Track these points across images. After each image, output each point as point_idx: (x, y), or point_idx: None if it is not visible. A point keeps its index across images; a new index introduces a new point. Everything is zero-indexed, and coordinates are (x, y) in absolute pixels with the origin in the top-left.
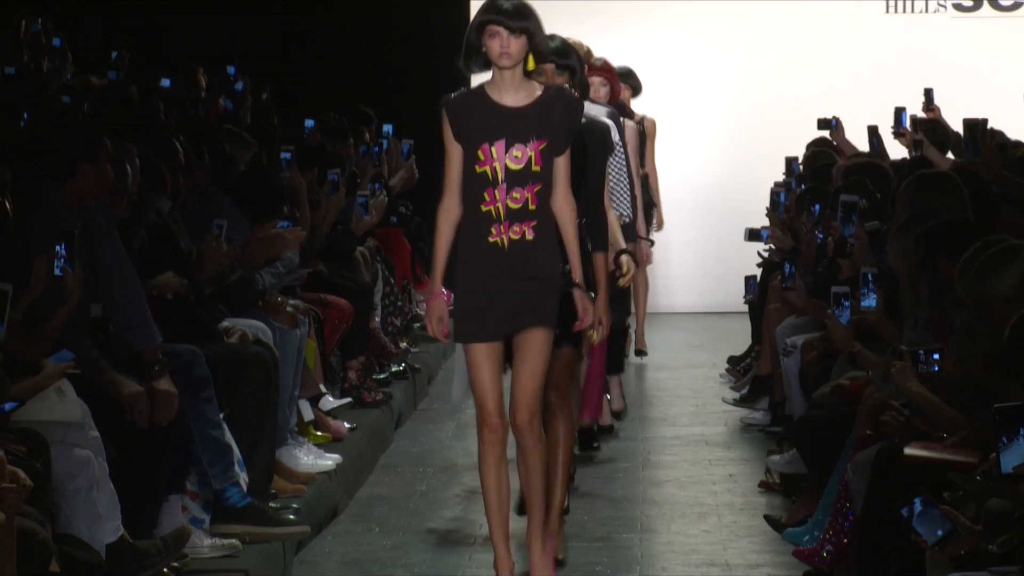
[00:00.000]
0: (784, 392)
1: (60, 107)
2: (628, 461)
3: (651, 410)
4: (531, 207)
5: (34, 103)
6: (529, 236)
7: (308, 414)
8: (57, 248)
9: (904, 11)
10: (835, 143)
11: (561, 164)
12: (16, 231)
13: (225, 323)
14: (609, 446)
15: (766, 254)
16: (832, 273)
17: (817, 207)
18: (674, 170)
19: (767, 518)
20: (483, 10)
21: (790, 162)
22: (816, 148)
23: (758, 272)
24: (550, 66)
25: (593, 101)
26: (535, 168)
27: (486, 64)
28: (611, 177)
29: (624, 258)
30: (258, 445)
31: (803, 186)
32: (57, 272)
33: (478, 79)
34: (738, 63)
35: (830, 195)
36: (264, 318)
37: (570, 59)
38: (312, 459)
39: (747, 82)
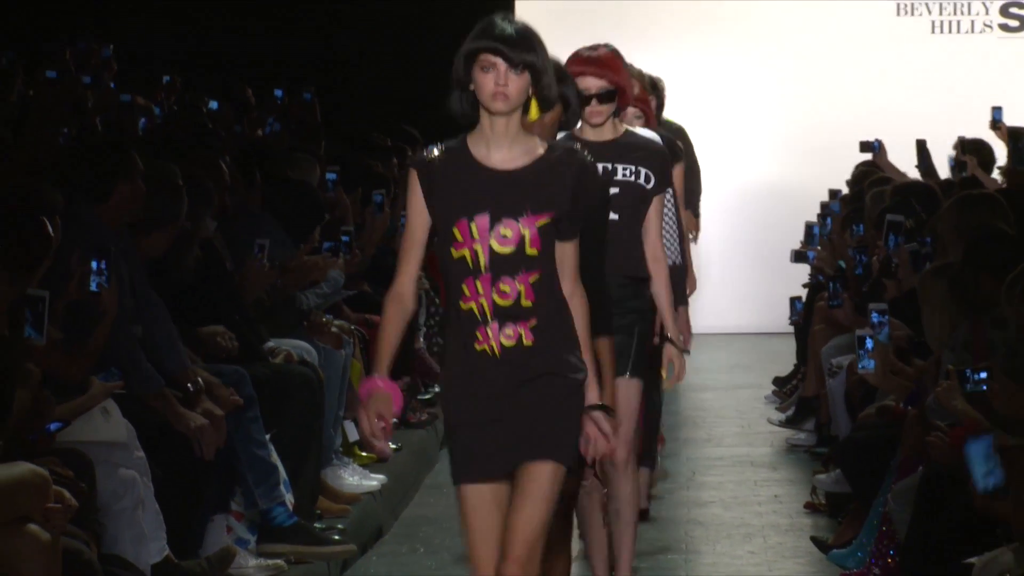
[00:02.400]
0: (830, 413)
1: (95, 122)
2: (673, 481)
3: (696, 431)
4: (525, 303)
5: (76, 112)
6: (528, 340)
7: (353, 434)
8: (94, 264)
9: (950, 31)
10: (878, 165)
11: (569, 251)
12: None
13: (270, 343)
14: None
15: (811, 277)
16: (877, 293)
17: (860, 227)
18: (718, 190)
19: (813, 539)
20: (476, 34)
21: (833, 192)
22: (862, 168)
23: (803, 293)
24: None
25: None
26: (530, 251)
27: (473, 106)
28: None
29: (670, 352)
30: (303, 465)
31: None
32: (93, 288)
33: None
34: (784, 82)
35: (875, 215)
36: (309, 338)
37: (565, 85)
38: (357, 479)
39: (792, 101)
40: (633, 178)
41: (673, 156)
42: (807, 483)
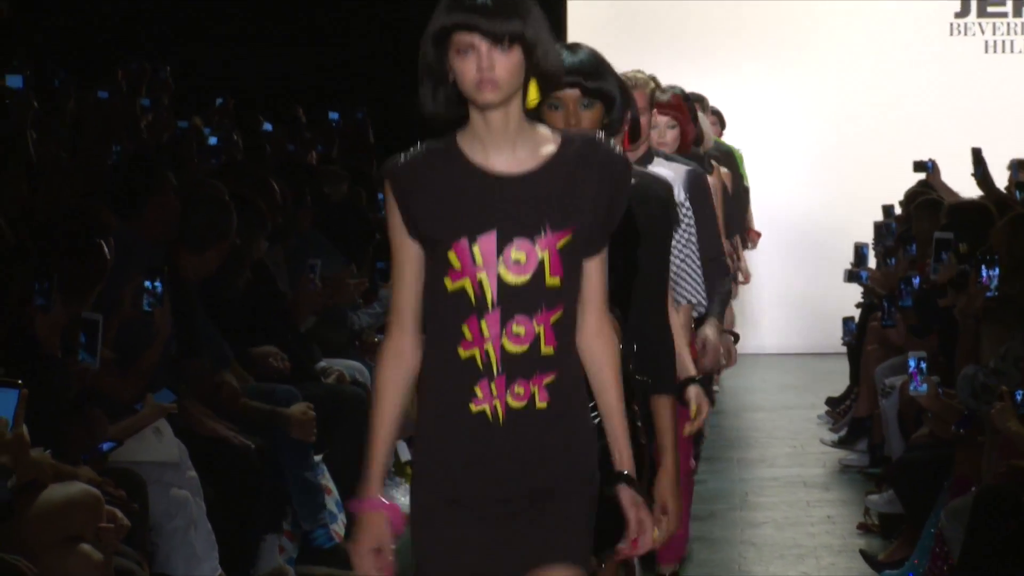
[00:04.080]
0: (882, 433)
1: (151, 143)
2: (725, 502)
3: (749, 451)
4: (545, 349)
5: (127, 132)
6: (541, 401)
7: (405, 454)
8: (147, 284)
9: (1003, 51)
10: (932, 185)
11: (595, 270)
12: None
13: (322, 363)
14: (706, 487)
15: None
16: (929, 312)
17: (913, 247)
18: (770, 210)
19: (863, 553)
20: (444, 6)
21: (887, 209)
22: (916, 188)
23: (856, 313)
24: (570, 93)
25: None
26: (551, 281)
27: (456, 101)
28: (673, 251)
29: (693, 392)
30: (355, 486)
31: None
32: (146, 308)
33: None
34: (837, 101)
35: (927, 235)
36: (361, 358)
37: (604, 80)
38: (409, 500)
39: (846, 120)
40: None
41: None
42: (860, 504)
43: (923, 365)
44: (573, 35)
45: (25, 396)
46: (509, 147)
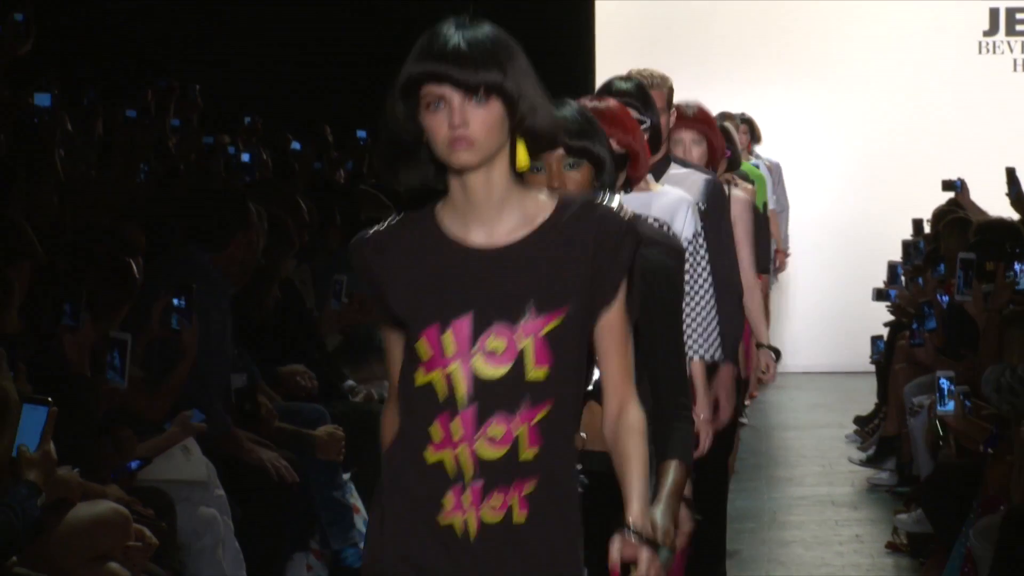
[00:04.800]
0: (911, 452)
1: (178, 162)
2: (754, 520)
3: (777, 470)
4: (525, 453)
5: (156, 151)
6: (520, 514)
7: None
8: (175, 302)
9: None
10: (960, 204)
11: (614, 326)
12: (147, 291)
13: (349, 382)
14: (735, 506)
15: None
16: (956, 332)
17: (942, 267)
18: (799, 227)
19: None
20: (415, 54)
21: (917, 223)
22: (944, 207)
23: (885, 332)
24: (553, 154)
25: (682, 163)
26: (533, 374)
27: (435, 167)
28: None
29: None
30: None
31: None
32: (174, 326)
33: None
34: (865, 119)
35: (954, 254)
36: None
37: (591, 140)
38: None
39: (874, 138)
40: None
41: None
42: (888, 523)
43: (951, 386)
44: (601, 37)
45: (55, 414)
46: (493, 216)
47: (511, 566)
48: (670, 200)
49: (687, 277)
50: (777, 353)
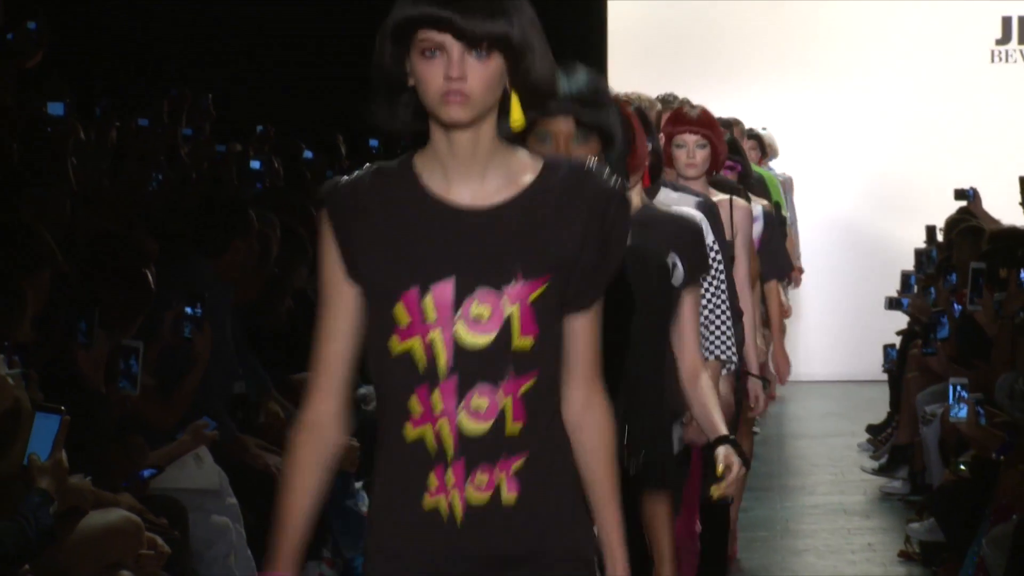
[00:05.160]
0: (923, 461)
1: (190, 170)
2: (766, 530)
3: (789, 479)
4: (511, 427)
5: (169, 159)
6: (509, 494)
7: None
8: (187, 310)
9: None
10: (973, 213)
11: (583, 329)
12: (158, 299)
13: (362, 390)
14: (747, 515)
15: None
16: (968, 341)
17: (954, 276)
18: (811, 236)
19: None
20: None
21: (930, 230)
22: (956, 215)
23: (897, 341)
24: (562, 124)
25: (683, 179)
26: (519, 342)
27: (415, 113)
28: (702, 299)
29: (722, 452)
30: None
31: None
32: (186, 334)
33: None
34: (877, 128)
35: (966, 263)
36: None
37: (604, 111)
38: None
39: (886, 147)
40: None
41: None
42: (901, 532)
43: (963, 392)
44: (614, 36)
45: (67, 423)
46: (477, 175)
47: (503, 550)
48: (676, 216)
49: (705, 283)
50: (766, 382)
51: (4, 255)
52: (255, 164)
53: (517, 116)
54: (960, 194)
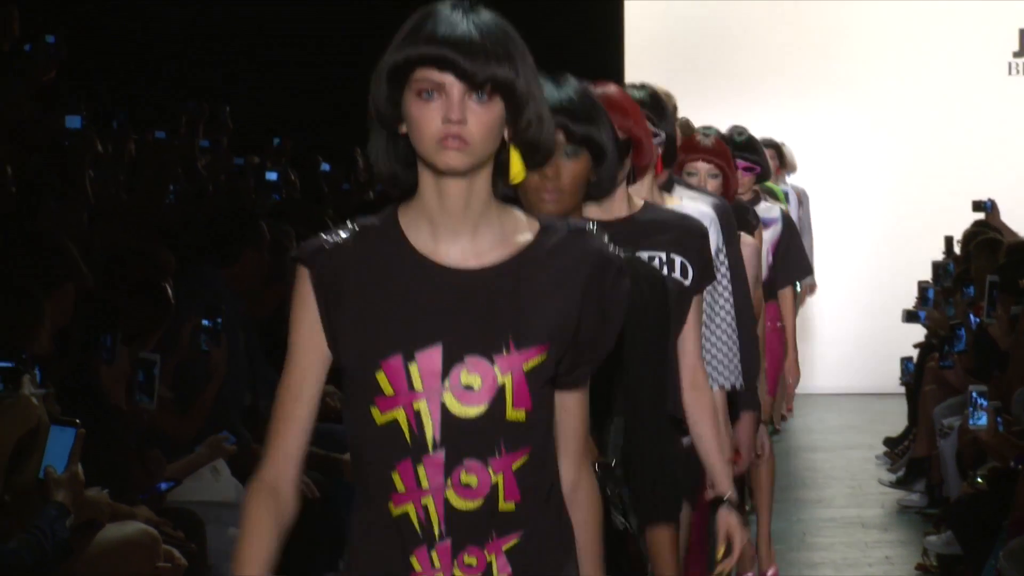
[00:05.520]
0: (941, 474)
1: (207, 183)
2: (783, 543)
3: (806, 491)
4: (504, 504)
5: (185, 173)
6: (501, 574)
7: None
8: (204, 323)
9: None
10: (991, 224)
11: (574, 406)
12: (176, 315)
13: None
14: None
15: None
16: (986, 353)
17: (971, 288)
18: (828, 249)
19: None
20: (410, 32)
21: (949, 240)
22: (973, 228)
23: (914, 353)
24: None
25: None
26: (513, 414)
27: (406, 160)
28: (704, 318)
29: (723, 519)
30: None
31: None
32: (203, 347)
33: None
34: (894, 140)
35: (984, 276)
36: None
37: (596, 126)
38: None
39: (903, 159)
40: (664, 270)
41: (742, 225)
42: (918, 544)
43: (982, 400)
44: (631, 39)
45: (82, 436)
46: (468, 232)
47: None
48: (683, 217)
49: (707, 299)
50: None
51: (23, 268)
52: (271, 175)
53: (518, 170)
54: (978, 206)
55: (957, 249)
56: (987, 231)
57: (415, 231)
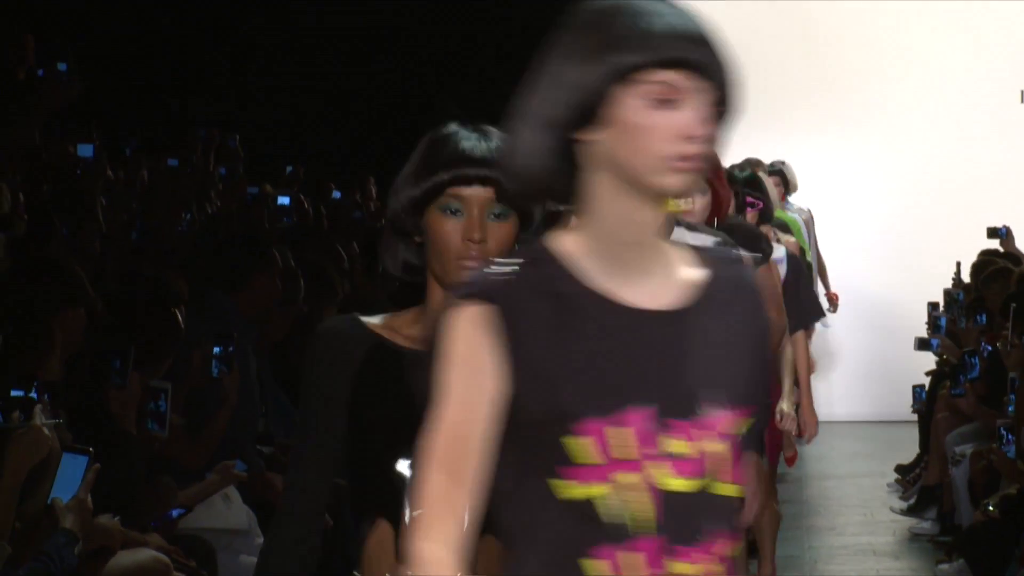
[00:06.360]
0: (953, 502)
1: (221, 211)
2: (795, 570)
3: (818, 519)
4: None
5: (198, 201)
6: None
7: None
8: (216, 350)
9: None
10: (1006, 251)
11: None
12: (187, 342)
13: None
14: (776, 555)
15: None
16: (997, 381)
17: (983, 316)
18: (839, 277)
19: None
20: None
21: (958, 265)
22: (985, 256)
23: (926, 381)
24: (478, 193)
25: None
26: (726, 489)
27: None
28: None
29: None
30: None
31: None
32: (215, 374)
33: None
34: (907, 168)
35: (999, 303)
36: None
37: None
38: None
39: (916, 186)
40: None
41: (747, 239)
42: (930, 572)
43: (1009, 434)
44: None
45: (97, 466)
46: (643, 267)
47: None
48: None
49: None
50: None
51: (34, 293)
52: (283, 200)
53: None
54: (993, 232)
55: (965, 276)
56: (996, 260)
57: (587, 267)
